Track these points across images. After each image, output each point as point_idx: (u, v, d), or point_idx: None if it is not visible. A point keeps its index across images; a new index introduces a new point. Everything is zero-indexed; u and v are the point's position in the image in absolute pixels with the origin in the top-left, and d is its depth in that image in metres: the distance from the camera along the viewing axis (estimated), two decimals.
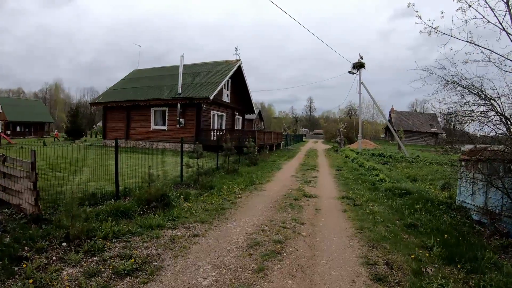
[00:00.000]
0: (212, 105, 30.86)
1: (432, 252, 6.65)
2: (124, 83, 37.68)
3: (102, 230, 7.00)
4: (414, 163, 27.02)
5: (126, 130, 32.78)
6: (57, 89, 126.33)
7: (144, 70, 40.14)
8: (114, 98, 33.47)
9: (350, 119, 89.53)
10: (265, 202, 10.83)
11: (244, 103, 39.42)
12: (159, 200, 9.32)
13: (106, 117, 35.07)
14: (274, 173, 18.15)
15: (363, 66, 38.07)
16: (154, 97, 30.41)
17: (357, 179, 16.28)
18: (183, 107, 28.95)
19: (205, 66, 35.02)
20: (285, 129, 77.70)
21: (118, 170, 10.21)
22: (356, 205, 10.62)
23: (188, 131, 28.94)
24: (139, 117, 32.18)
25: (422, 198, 11.25)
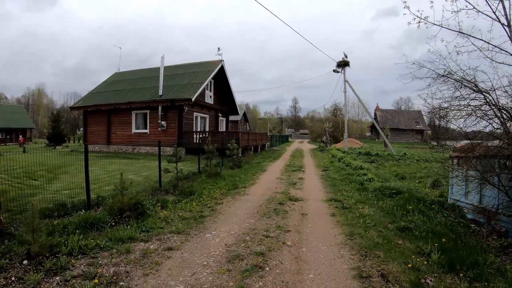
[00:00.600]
0: (194, 107, 30.25)
1: (430, 259, 6.10)
2: (105, 86, 36.88)
3: (67, 245, 6.32)
4: (401, 160, 26.86)
5: (108, 135, 32.11)
6: (40, 94, 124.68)
7: (125, 73, 39.33)
8: (95, 102, 32.65)
9: (335, 118, 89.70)
10: (247, 208, 10.12)
11: (228, 104, 38.72)
12: (132, 209, 8.61)
13: (86, 121, 34.25)
14: (258, 175, 17.45)
15: (348, 65, 37.76)
16: (135, 100, 29.73)
17: (345, 179, 15.68)
18: (164, 109, 28.26)
19: (187, 67, 34.32)
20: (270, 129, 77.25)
21: (89, 178, 9.42)
22: (345, 208, 9.98)
23: (170, 134, 28.32)
24: (120, 120, 31.45)
25: (414, 198, 10.74)
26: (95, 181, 12.19)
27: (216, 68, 32.08)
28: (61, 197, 10.13)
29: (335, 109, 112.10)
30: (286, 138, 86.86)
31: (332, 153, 32.73)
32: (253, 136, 32.86)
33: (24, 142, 57.17)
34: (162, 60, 29.15)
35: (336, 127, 75.52)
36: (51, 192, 11.25)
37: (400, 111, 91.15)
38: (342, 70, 37.89)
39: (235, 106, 39.42)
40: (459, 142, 8.95)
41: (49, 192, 11.22)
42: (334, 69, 38.26)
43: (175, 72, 33.44)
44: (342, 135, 60.53)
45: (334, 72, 38.26)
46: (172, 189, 12.42)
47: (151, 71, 36.04)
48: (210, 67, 32.59)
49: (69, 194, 10.51)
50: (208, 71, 31.67)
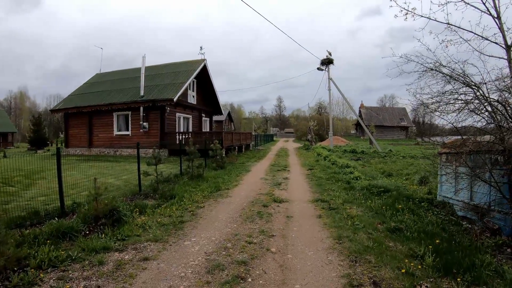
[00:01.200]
0: (177, 107, 29.81)
1: (424, 262, 5.72)
2: (86, 87, 36.30)
3: (37, 257, 5.84)
4: (387, 157, 26.69)
5: (89, 137, 31.63)
6: (22, 97, 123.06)
7: (107, 74, 38.75)
8: (75, 104, 32.27)
9: (320, 116, 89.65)
10: (230, 211, 9.63)
11: (212, 104, 38.31)
12: (108, 216, 8.07)
13: (67, 124, 33.76)
14: (242, 176, 16.97)
15: (332, 62, 37.49)
16: (116, 101, 29.24)
17: (331, 178, 15.28)
18: (146, 110, 27.78)
19: (169, 67, 33.82)
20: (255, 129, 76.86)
21: (62, 184, 8.87)
22: (332, 209, 9.55)
23: (152, 135, 27.88)
24: (102, 122, 30.99)
25: (402, 196, 10.46)
26: (73, 186, 11.83)
27: (198, 67, 31.61)
28: (36, 204, 9.64)
29: (319, 107, 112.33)
30: (271, 137, 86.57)
31: (317, 151, 32.35)
32: (237, 136, 32.41)
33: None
34: (143, 59, 28.64)
35: (321, 125, 75.36)
36: (26, 199, 10.79)
37: (384, 108, 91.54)
38: (326, 68, 37.60)
39: (218, 106, 39.01)
40: (448, 138, 8.60)
41: (24, 199, 10.75)
42: (318, 67, 38.01)
43: (157, 72, 32.90)
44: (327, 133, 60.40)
45: (318, 70, 38.02)
46: (152, 193, 11.91)
47: (133, 71, 35.33)
48: (192, 66, 32.10)
49: (45, 201, 9.95)
50: (190, 70, 31.20)
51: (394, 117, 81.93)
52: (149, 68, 32.90)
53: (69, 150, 32.78)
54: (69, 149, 32.88)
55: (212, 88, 36.35)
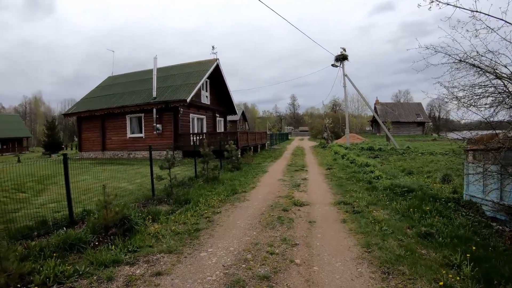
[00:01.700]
0: (190, 108, 29.38)
1: (461, 271, 5.17)
2: (99, 91, 36.11)
3: (42, 272, 5.40)
4: (405, 154, 25.89)
5: (102, 141, 31.39)
6: (37, 103, 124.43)
7: (119, 76, 38.52)
8: (88, 107, 31.95)
9: (335, 114, 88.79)
10: (248, 217, 9.08)
11: (225, 104, 37.86)
12: (118, 225, 7.59)
13: (80, 128, 33.66)
14: (259, 177, 16.41)
15: (346, 58, 36.77)
16: (129, 104, 28.88)
17: (351, 178, 14.67)
18: (159, 112, 27.38)
19: (181, 68, 33.38)
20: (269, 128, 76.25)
21: (70, 192, 8.44)
22: (356, 212, 8.95)
23: (166, 137, 27.50)
24: (115, 125, 30.72)
25: (427, 196, 9.85)
26: (85, 192, 11.55)
27: (211, 67, 31.11)
28: (45, 211, 9.27)
29: (334, 104, 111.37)
30: (286, 136, 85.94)
31: (334, 149, 31.71)
32: (252, 135, 31.75)
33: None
34: (155, 61, 28.30)
35: (336, 122, 74.54)
36: (37, 206, 10.46)
37: (400, 104, 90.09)
38: (340, 64, 36.88)
39: (232, 105, 38.52)
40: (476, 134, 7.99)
41: (34, 206, 10.42)
42: (332, 64, 37.28)
43: (169, 73, 32.51)
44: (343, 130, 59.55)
45: (333, 66, 37.27)
46: (166, 198, 11.44)
47: (144, 73, 35.06)
48: (204, 66, 31.61)
49: (55, 208, 9.67)
50: (203, 70, 30.71)
51: (410, 112, 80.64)
52: (161, 69, 32.64)
53: (83, 154, 32.70)
54: (83, 153, 32.79)
55: (226, 87, 35.85)
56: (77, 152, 34.42)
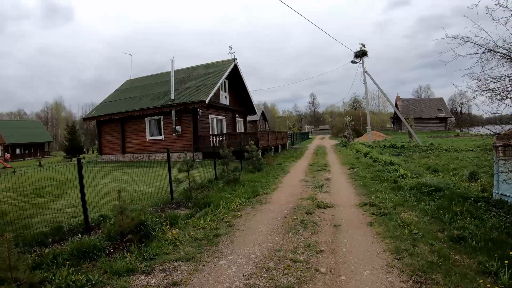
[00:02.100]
0: (209, 109, 29.09)
1: (499, 280, 4.75)
2: (117, 94, 36.07)
3: (54, 281, 5.18)
4: (429, 151, 25.26)
5: (122, 144, 31.28)
6: (58, 108, 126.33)
7: (137, 79, 38.48)
8: (107, 111, 31.91)
9: (355, 111, 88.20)
10: (270, 221, 8.69)
11: (245, 104, 37.51)
12: (134, 231, 7.30)
13: (100, 131, 33.66)
14: (280, 178, 16.02)
15: (366, 54, 36.21)
16: (147, 106, 28.66)
17: (376, 178, 14.15)
18: (178, 113, 27.17)
19: (199, 69, 33.10)
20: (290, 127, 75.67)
21: (85, 197, 8.16)
22: (383, 214, 8.48)
23: (186, 139, 27.22)
24: (134, 128, 30.61)
25: (456, 195, 9.30)
26: (104, 195, 11.40)
27: (229, 67, 30.74)
28: (62, 217, 9.18)
29: (354, 102, 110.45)
30: (307, 135, 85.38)
31: (356, 148, 31.10)
32: (272, 135, 31.34)
33: (8, 159, 56.53)
34: (172, 63, 28.07)
35: (356, 120, 73.85)
36: (54, 211, 10.32)
37: (421, 100, 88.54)
38: (360, 61, 36.32)
39: (252, 105, 38.10)
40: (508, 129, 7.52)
41: (52, 211, 10.27)
42: (352, 60, 36.75)
43: (187, 75, 32.29)
44: (364, 128, 58.83)
45: (352, 63, 36.75)
46: (185, 201, 11.14)
47: (162, 75, 34.90)
48: (222, 66, 31.30)
49: (72, 213, 9.53)
50: (221, 71, 30.39)
51: (432, 108, 79.22)
52: (179, 71, 32.55)
53: (103, 157, 32.75)
54: (103, 156, 32.82)
55: (244, 87, 35.48)
56: (98, 156, 34.50)
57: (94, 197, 11.14)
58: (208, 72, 31.14)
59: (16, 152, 70.76)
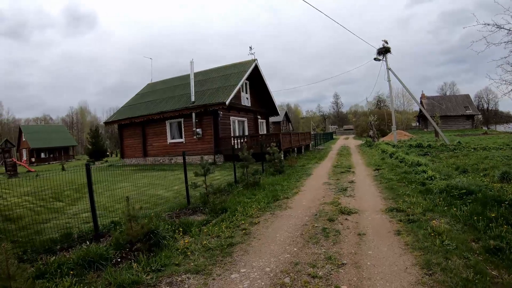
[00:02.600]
0: (230, 111, 28.72)
1: None
2: (138, 98, 36.22)
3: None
4: (457, 150, 24.19)
5: (143, 147, 31.28)
6: (83, 112, 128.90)
7: (158, 83, 38.57)
8: (128, 115, 32.01)
9: (379, 110, 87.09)
10: (289, 228, 8.09)
11: (267, 105, 37.05)
12: (144, 239, 6.84)
13: (122, 135, 33.97)
14: (303, 181, 15.39)
15: (389, 51, 35.29)
16: (167, 109, 28.55)
17: (402, 180, 13.39)
18: (198, 116, 26.86)
19: (219, 71, 32.83)
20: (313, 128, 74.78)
21: (94, 202, 7.85)
22: (412, 222, 7.76)
23: (206, 141, 26.97)
24: (155, 131, 30.57)
25: (489, 199, 8.45)
26: (121, 200, 10.92)
27: (249, 68, 30.34)
28: (76, 222, 9.11)
29: (378, 100, 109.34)
30: (331, 135, 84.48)
31: (381, 148, 30.22)
32: (295, 136, 30.78)
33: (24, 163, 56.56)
34: (191, 65, 27.76)
35: (381, 119, 72.74)
36: (69, 216, 10.21)
37: (447, 97, 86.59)
38: (383, 58, 35.43)
39: (274, 106, 37.59)
40: None
41: (66, 216, 10.18)
42: (375, 57, 35.83)
43: (207, 77, 32.06)
44: (388, 127, 57.78)
45: (375, 60, 35.82)
46: (202, 206, 10.70)
47: (183, 78, 34.78)
48: (243, 67, 30.92)
49: (87, 218, 9.28)
50: (241, 72, 30.01)
51: (458, 105, 77.41)
52: (199, 73, 32.50)
53: (125, 161, 32.89)
54: (125, 159, 32.97)
55: (266, 88, 34.99)
56: (120, 159, 34.51)
57: (111, 202, 11.11)
58: (229, 73, 30.78)
59: (41, 156, 72.46)
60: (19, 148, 75.58)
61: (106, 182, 15.94)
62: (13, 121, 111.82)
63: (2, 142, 69.08)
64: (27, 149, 70.92)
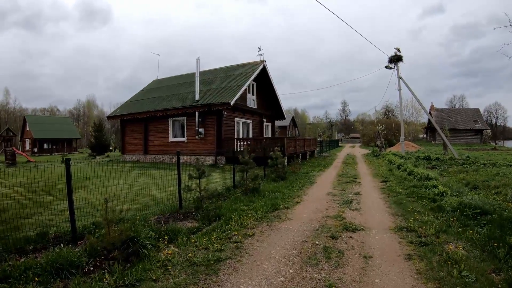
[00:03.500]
0: (235, 112, 27.94)
1: None
2: (143, 94, 35.66)
3: None
4: (466, 165, 23.22)
5: (145, 144, 30.69)
6: (89, 106, 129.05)
7: (164, 80, 37.93)
8: (131, 110, 31.57)
9: (387, 120, 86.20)
10: (286, 244, 7.22)
11: (273, 108, 36.25)
12: (121, 247, 6.06)
13: (124, 130, 33.38)
14: (305, 189, 14.53)
15: (401, 59, 34.32)
16: (171, 107, 27.83)
17: (412, 194, 12.51)
18: (202, 115, 26.05)
19: (226, 70, 32.12)
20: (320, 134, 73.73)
21: (73, 202, 7.15)
22: (424, 244, 6.85)
23: (209, 142, 26.21)
24: (157, 129, 29.94)
25: (507, 221, 7.66)
26: (112, 198, 10.55)
27: (257, 69, 29.53)
28: (59, 219, 8.57)
29: (386, 110, 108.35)
30: (337, 143, 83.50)
31: (389, 158, 29.25)
32: (300, 142, 29.83)
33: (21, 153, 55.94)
34: (197, 62, 27.06)
35: (388, 129, 71.78)
36: (54, 212, 9.73)
37: (456, 110, 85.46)
38: (395, 66, 34.45)
39: (281, 110, 36.76)
40: None
41: (51, 212, 9.71)
42: (386, 65, 34.84)
43: (213, 76, 31.37)
44: (396, 137, 56.77)
45: (386, 68, 34.83)
46: (194, 211, 9.92)
47: (189, 76, 33.94)
48: (251, 68, 30.09)
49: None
50: (248, 72, 29.19)
51: (467, 119, 76.21)
52: (205, 72, 31.94)
53: (125, 157, 32.39)
54: (126, 155, 32.47)
55: (273, 91, 34.18)
56: (121, 155, 33.91)
57: (102, 199, 10.25)
58: (236, 73, 30.04)
59: (43, 147, 72.66)
60: (23, 137, 75.64)
61: (101, 177, 15.67)
62: (20, 110, 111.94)
63: (3, 130, 68.74)
64: (30, 139, 70.86)
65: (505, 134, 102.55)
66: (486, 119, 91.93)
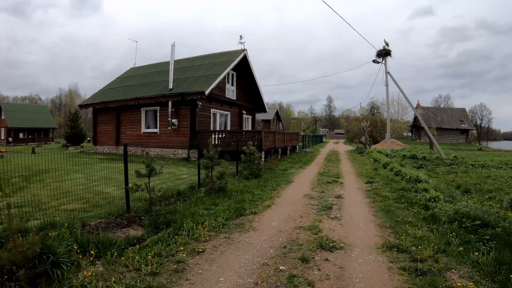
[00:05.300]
0: (211, 102, 26.31)
1: None
2: (117, 82, 34.00)
3: None
4: (454, 166, 22.35)
5: (117, 135, 29.05)
6: (71, 95, 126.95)
7: (140, 68, 36.28)
8: (103, 99, 29.84)
9: (372, 116, 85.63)
10: (242, 268, 5.51)
11: (254, 100, 34.80)
12: (28, 265, 4.52)
13: (96, 120, 31.57)
14: (280, 190, 12.86)
15: (389, 54, 33.01)
16: (143, 95, 26.00)
17: (401, 199, 10.92)
18: (175, 105, 24.41)
19: (204, 59, 30.49)
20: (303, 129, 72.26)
21: None
22: (421, 273, 5.20)
23: (182, 134, 24.54)
24: (129, 119, 28.22)
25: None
26: (64, 194, 9.80)
27: (237, 58, 27.89)
28: None
29: (372, 107, 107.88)
30: (320, 138, 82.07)
31: (373, 156, 27.71)
32: (280, 136, 28.25)
33: None
34: (172, 48, 25.31)
35: (373, 126, 70.77)
36: None
37: (443, 109, 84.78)
38: (383, 61, 33.09)
39: (262, 102, 35.30)
40: None
41: None
42: (373, 59, 33.45)
43: (191, 64, 29.77)
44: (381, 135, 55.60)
45: (374, 62, 33.41)
46: (143, 215, 8.26)
47: (166, 64, 31.65)
48: (230, 57, 28.41)
49: (6, 218, 6.96)
50: (227, 61, 27.51)
51: (453, 118, 75.37)
52: (183, 60, 30.70)
53: (97, 148, 30.72)
54: (98, 146, 30.78)
55: (255, 82, 32.64)
56: (93, 146, 32.14)
57: (51, 196, 9.57)
58: (214, 62, 28.39)
59: (19, 136, 70.23)
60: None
61: (60, 171, 14.53)
62: (0, 98, 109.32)
63: None
64: (5, 128, 68.37)
65: (489, 135, 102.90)
66: (471, 120, 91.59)
